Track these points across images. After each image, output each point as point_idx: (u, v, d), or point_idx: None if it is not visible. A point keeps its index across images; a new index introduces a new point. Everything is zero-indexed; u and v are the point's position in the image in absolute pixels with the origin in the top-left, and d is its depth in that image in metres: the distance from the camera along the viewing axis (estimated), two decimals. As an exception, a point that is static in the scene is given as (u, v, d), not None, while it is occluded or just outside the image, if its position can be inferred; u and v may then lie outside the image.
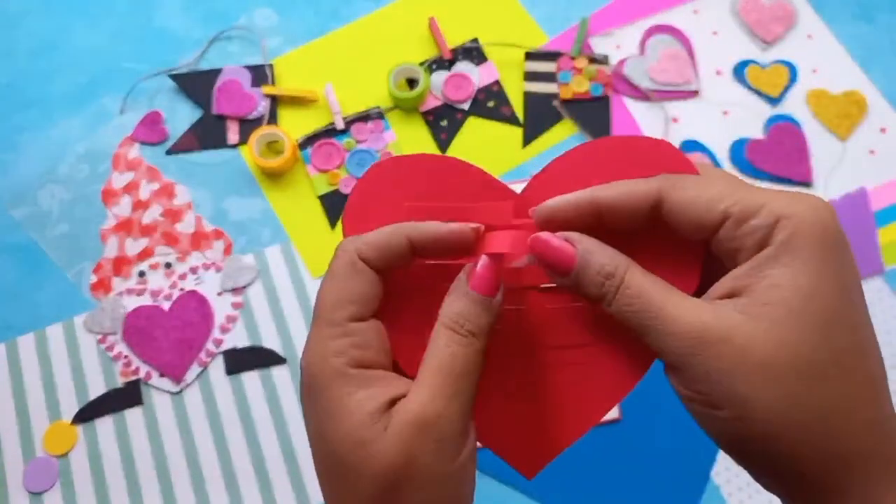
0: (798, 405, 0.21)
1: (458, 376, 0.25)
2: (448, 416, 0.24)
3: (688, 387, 0.23)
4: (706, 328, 0.22)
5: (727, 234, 0.23)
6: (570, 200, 0.25)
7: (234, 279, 0.66)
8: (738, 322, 0.22)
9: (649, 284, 0.24)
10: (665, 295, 0.23)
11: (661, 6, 0.76)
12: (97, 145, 0.71)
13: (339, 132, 0.70)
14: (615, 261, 0.24)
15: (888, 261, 0.66)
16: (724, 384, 0.22)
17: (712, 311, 0.22)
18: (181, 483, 0.61)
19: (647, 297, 0.23)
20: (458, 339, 0.25)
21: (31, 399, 0.63)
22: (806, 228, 0.22)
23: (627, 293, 0.24)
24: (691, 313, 0.23)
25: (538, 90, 0.72)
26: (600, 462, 0.60)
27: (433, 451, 0.24)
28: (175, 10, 0.76)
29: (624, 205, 0.25)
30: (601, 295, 0.25)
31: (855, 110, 0.71)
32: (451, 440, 0.24)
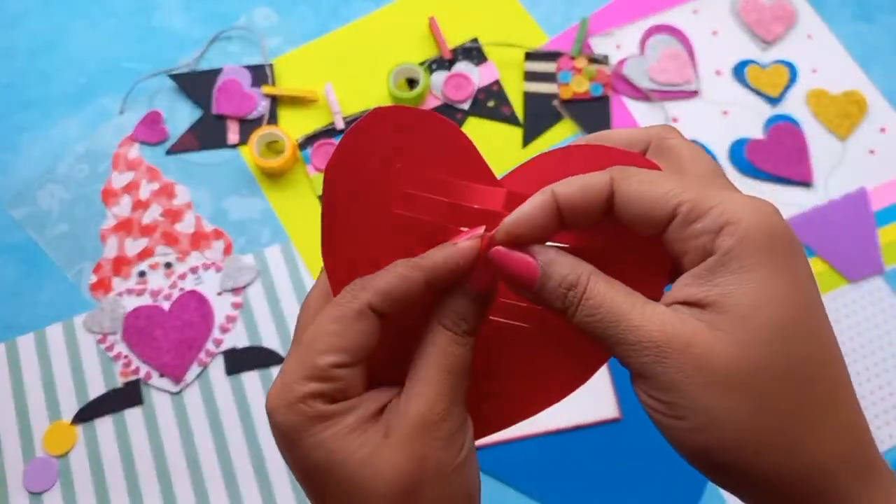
0: (761, 414, 0.21)
1: (458, 375, 0.25)
2: (452, 413, 0.24)
3: (653, 396, 0.23)
4: (669, 337, 0.22)
5: (674, 233, 0.23)
6: (530, 210, 0.25)
7: (233, 279, 0.66)
8: (698, 330, 0.22)
9: (612, 293, 0.23)
10: (628, 304, 0.23)
11: (661, 6, 0.76)
12: (97, 145, 0.71)
13: (339, 132, 0.70)
14: (577, 270, 0.24)
15: (888, 261, 0.66)
16: (687, 393, 0.21)
17: (674, 318, 0.22)
18: (181, 483, 0.61)
19: (609, 306, 0.23)
20: (458, 339, 0.25)
21: (31, 399, 0.63)
22: (752, 235, 0.22)
23: (590, 304, 0.23)
24: (654, 322, 0.22)
25: (538, 90, 0.72)
26: (600, 462, 0.60)
27: (441, 448, 0.24)
28: (175, 10, 0.76)
29: (580, 199, 0.24)
30: (564, 307, 0.24)
31: (855, 110, 0.71)
32: (457, 436, 0.25)
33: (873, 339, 0.64)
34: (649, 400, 0.23)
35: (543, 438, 0.61)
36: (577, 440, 0.61)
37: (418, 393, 0.25)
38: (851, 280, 0.65)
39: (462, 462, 0.25)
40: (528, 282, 0.25)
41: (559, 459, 0.60)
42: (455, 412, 0.25)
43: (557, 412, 0.61)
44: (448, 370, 0.25)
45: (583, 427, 0.61)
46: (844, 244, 0.66)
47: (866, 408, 0.62)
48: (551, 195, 0.24)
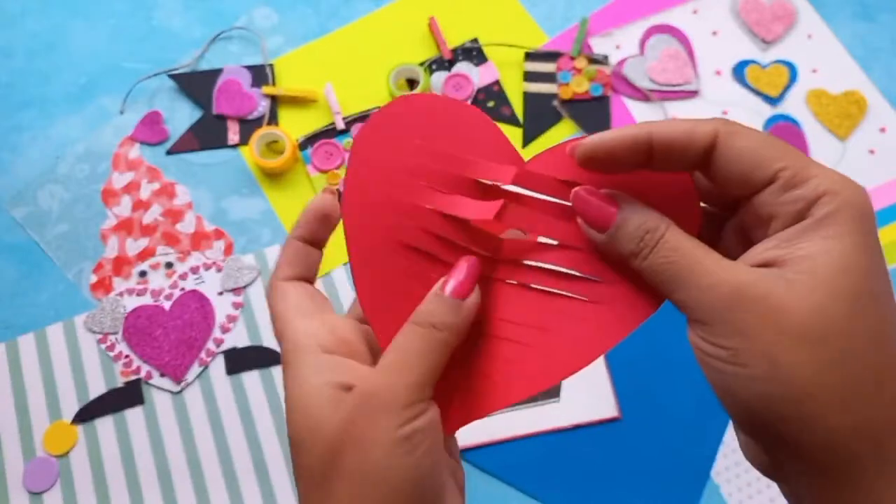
0: (830, 370, 0.21)
1: (408, 353, 0.26)
2: (390, 387, 0.25)
3: (716, 343, 0.23)
4: (744, 286, 0.22)
5: (770, 197, 0.24)
6: (625, 135, 0.25)
7: (234, 279, 0.66)
8: (775, 284, 0.22)
9: (689, 242, 0.24)
10: (704, 252, 0.24)
11: (661, 6, 0.76)
12: (97, 145, 0.71)
13: (339, 132, 0.70)
14: (656, 217, 0.25)
15: (888, 261, 0.66)
16: (756, 342, 0.22)
17: (750, 271, 0.23)
18: (181, 482, 0.61)
19: (686, 251, 0.24)
20: (417, 328, 0.27)
21: (32, 399, 0.63)
22: (847, 207, 0.23)
23: (667, 247, 0.24)
24: (729, 271, 0.23)
25: (538, 90, 0.72)
26: (600, 461, 0.60)
27: (372, 417, 0.25)
28: (175, 9, 0.76)
29: (682, 143, 0.25)
30: (637, 250, 0.25)
31: (855, 110, 0.71)
32: (393, 410, 0.25)
33: (873, 338, 0.64)
34: (709, 347, 0.23)
35: (543, 438, 0.61)
36: (577, 440, 0.61)
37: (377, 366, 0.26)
38: (851, 280, 0.65)
39: (396, 440, 0.25)
40: (604, 225, 0.26)
41: (559, 459, 0.60)
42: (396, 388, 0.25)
43: (557, 412, 0.61)
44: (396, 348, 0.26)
45: (583, 427, 0.61)
46: (844, 244, 0.66)
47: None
48: (647, 132, 0.25)
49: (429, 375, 0.26)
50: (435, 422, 0.26)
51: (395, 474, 0.25)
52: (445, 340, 0.27)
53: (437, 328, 0.26)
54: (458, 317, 0.27)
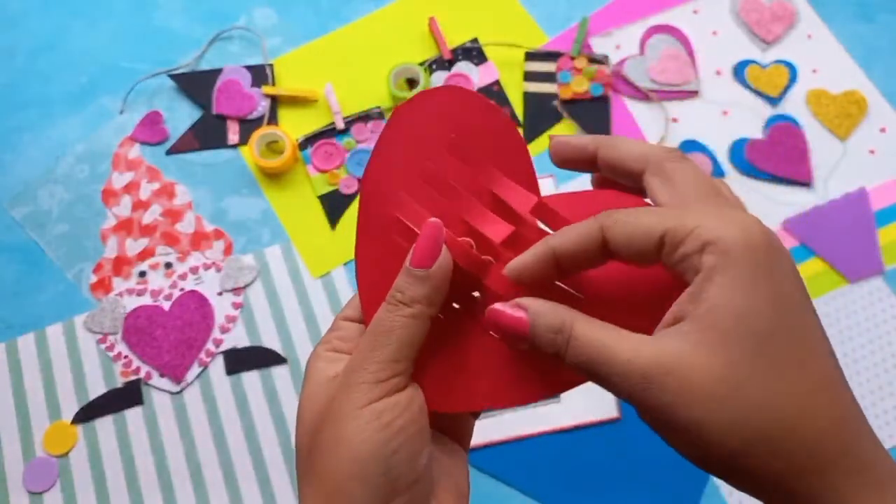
0: (750, 422, 0.22)
1: (379, 330, 0.27)
2: (363, 363, 0.27)
3: (650, 416, 0.24)
4: (651, 364, 0.23)
5: (667, 260, 0.25)
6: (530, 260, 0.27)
7: (234, 279, 0.66)
8: (679, 352, 0.23)
9: (594, 333, 0.25)
10: (610, 341, 0.24)
11: (661, 6, 0.76)
12: (97, 145, 0.71)
13: (339, 132, 0.70)
14: (561, 316, 0.26)
15: (888, 261, 0.66)
16: (677, 413, 0.23)
17: (655, 346, 0.23)
18: (181, 483, 0.61)
19: (594, 346, 0.25)
20: (387, 307, 0.28)
21: (31, 399, 0.63)
22: (731, 250, 0.23)
23: (575, 345, 0.25)
24: (637, 353, 0.24)
25: (538, 90, 0.72)
26: (600, 462, 0.60)
27: (347, 392, 0.26)
28: (175, 10, 0.76)
29: (576, 250, 0.26)
30: (555, 351, 0.26)
31: (855, 110, 0.71)
32: (367, 386, 0.26)
33: (873, 339, 0.64)
34: (648, 419, 0.24)
35: (543, 438, 0.61)
36: (577, 440, 0.61)
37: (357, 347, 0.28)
38: (851, 280, 0.65)
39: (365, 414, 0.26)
40: (522, 336, 0.26)
41: (559, 459, 0.60)
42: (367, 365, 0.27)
43: (557, 412, 0.61)
44: (368, 331, 0.28)
45: (583, 427, 0.61)
46: (844, 244, 0.66)
47: (866, 408, 0.62)
48: (548, 248, 0.27)
49: (401, 351, 0.27)
50: (412, 402, 0.27)
51: (365, 448, 0.25)
52: (415, 313, 0.27)
53: (406, 303, 0.27)
54: (426, 286, 0.27)
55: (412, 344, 0.27)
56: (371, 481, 0.25)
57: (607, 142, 0.29)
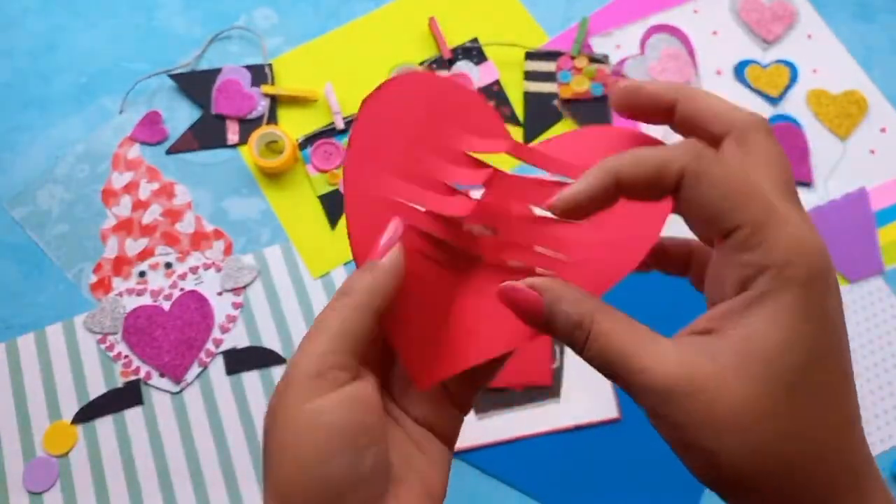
0: (764, 457, 0.21)
1: (320, 322, 0.26)
2: (300, 358, 0.26)
3: (665, 432, 0.23)
4: (674, 383, 0.22)
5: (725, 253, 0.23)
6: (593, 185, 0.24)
7: (234, 279, 0.66)
8: (706, 373, 0.22)
9: (617, 334, 0.23)
10: (633, 345, 0.23)
11: (661, 6, 0.76)
12: (97, 145, 0.71)
13: (339, 132, 0.70)
14: (581, 308, 0.24)
15: (888, 261, 0.66)
16: (693, 435, 0.22)
17: (681, 362, 0.22)
18: (181, 483, 0.61)
19: (616, 348, 0.23)
20: (330, 301, 0.27)
21: (31, 399, 0.63)
22: (794, 278, 0.21)
23: (595, 345, 0.24)
24: (660, 366, 0.22)
25: (538, 90, 0.72)
26: (600, 462, 0.60)
27: (285, 391, 0.25)
28: (175, 9, 0.76)
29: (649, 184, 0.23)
30: (572, 343, 0.24)
31: (855, 110, 0.71)
32: (303, 382, 0.25)
33: (873, 339, 0.64)
34: (663, 433, 0.24)
35: (543, 438, 0.61)
36: (577, 440, 0.61)
37: None
38: (851, 280, 0.65)
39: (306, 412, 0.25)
40: (536, 317, 0.25)
41: (559, 459, 0.60)
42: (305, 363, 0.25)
43: (557, 412, 0.61)
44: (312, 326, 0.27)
45: (583, 427, 0.61)
46: (844, 244, 0.66)
47: (866, 408, 0.62)
48: (614, 175, 0.23)
49: (338, 341, 0.26)
50: (356, 399, 0.25)
51: (306, 450, 0.24)
52: (355, 302, 0.26)
53: (345, 292, 0.26)
54: (370, 276, 0.26)
55: (351, 335, 0.26)
56: (311, 488, 0.24)
57: (689, 93, 0.26)
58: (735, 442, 0.21)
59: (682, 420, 0.22)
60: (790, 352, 0.21)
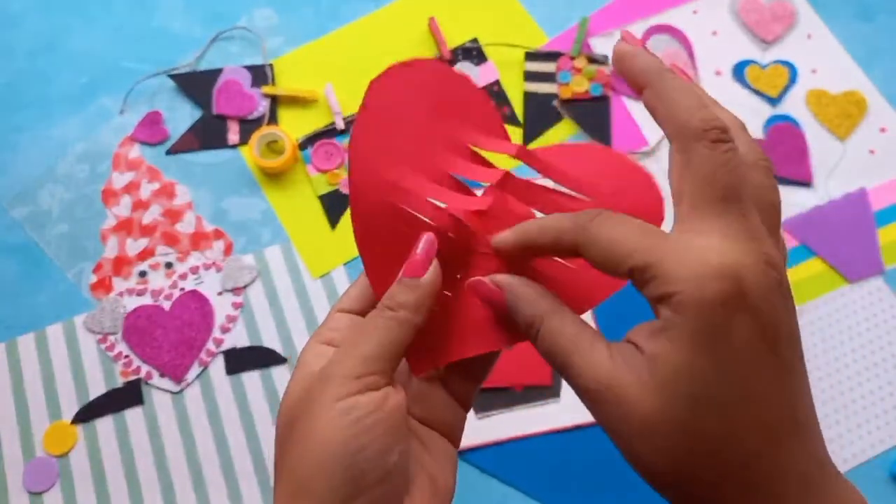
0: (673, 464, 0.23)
1: (362, 330, 0.28)
2: (340, 360, 0.28)
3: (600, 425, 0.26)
4: (602, 388, 0.24)
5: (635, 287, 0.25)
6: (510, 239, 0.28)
7: (234, 279, 0.66)
8: (628, 384, 0.24)
9: (561, 335, 0.26)
10: (574, 347, 0.25)
11: (660, 6, 0.76)
12: (97, 145, 0.71)
13: (339, 132, 0.70)
14: (534, 308, 0.27)
15: (888, 261, 0.66)
16: (616, 438, 0.25)
17: (610, 369, 0.24)
18: (181, 483, 0.61)
19: (558, 350, 0.26)
20: (377, 310, 0.29)
21: (31, 399, 0.63)
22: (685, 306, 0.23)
23: (542, 344, 0.27)
24: (591, 370, 0.25)
25: (538, 90, 0.72)
26: (600, 462, 0.60)
27: (321, 387, 0.27)
28: (175, 10, 0.76)
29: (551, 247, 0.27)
30: (529, 336, 0.27)
31: (855, 110, 0.71)
32: (341, 380, 0.27)
33: (873, 339, 0.64)
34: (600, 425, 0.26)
35: (543, 438, 0.61)
36: (577, 440, 0.61)
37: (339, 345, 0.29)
38: (851, 280, 0.65)
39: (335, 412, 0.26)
40: (502, 309, 0.28)
41: (559, 459, 0.60)
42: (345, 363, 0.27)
43: (557, 412, 0.61)
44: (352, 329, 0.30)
45: (583, 427, 0.61)
46: (844, 244, 0.66)
47: (865, 408, 0.62)
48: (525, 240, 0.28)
49: (381, 350, 0.27)
50: (386, 401, 0.27)
51: (332, 443, 0.26)
52: (400, 318, 0.28)
53: (391, 308, 0.28)
54: (414, 294, 0.28)
55: (392, 347, 0.28)
56: (336, 476, 0.26)
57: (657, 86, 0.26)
58: (647, 447, 0.23)
59: (606, 423, 0.25)
60: (688, 373, 0.23)
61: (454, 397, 0.32)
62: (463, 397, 0.32)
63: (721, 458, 0.23)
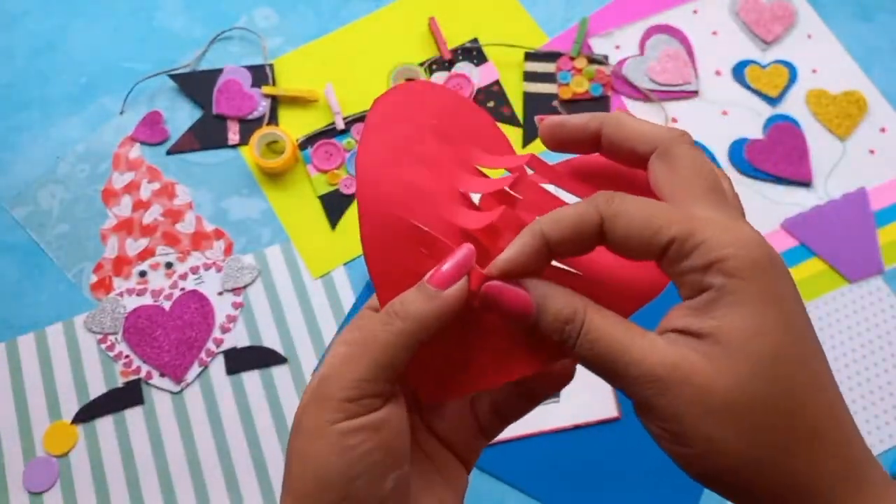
0: (758, 441, 0.22)
1: (363, 344, 0.25)
2: (337, 378, 0.25)
3: (658, 425, 0.23)
4: (669, 370, 0.22)
5: (667, 267, 0.24)
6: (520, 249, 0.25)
7: (234, 279, 0.66)
8: (696, 362, 0.22)
9: (609, 327, 0.24)
10: (626, 337, 0.23)
11: (660, 6, 0.76)
12: (97, 145, 0.71)
13: (339, 132, 0.70)
14: (572, 304, 0.24)
15: (888, 261, 0.66)
16: (689, 423, 0.22)
17: (673, 351, 0.23)
18: (181, 482, 0.61)
19: (608, 340, 0.24)
20: (381, 315, 0.26)
21: (32, 399, 0.63)
22: (740, 269, 0.22)
23: (588, 338, 0.24)
24: (653, 355, 0.23)
25: (538, 90, 0.72)
26: (600, 461, 0.60)
27: (317, 406, 0.25)
28: (175, 10, 0.76)
29: (571, 238, 0.24)
30: (563, 340, 0.24)
31: (855, 110, 0.71)
32: (335, 403, 0.25)
33: (873, 339, 0.64)
34: (655, 428, 0.24)
35: (543, 438, 0.61)
36: (577, 440, 0.61)
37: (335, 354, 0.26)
38: (851, 280, 0.65)
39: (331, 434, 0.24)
40: (524, 317, 0.25)
41: (559, 459, 0.60)
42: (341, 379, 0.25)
43: (557, 412, 0.61)
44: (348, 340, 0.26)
45: (583, 427, 0.61)
46: (844, 244, 0.66)
47: (865, 408, 0.62)
48: (540, 238, 0.24)
49: (378, 371, 0.25)
50: (385, 425, 0.25)
51: (326, 469, 0.24)
52: (405, 330, 0.25)
53: (400, 315, 0.25)
54: (430, 305, 0.25)
55: (391, 365, 0.25)
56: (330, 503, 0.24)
57: (611, 120, 0.27)
58: (729, 428, 0.22)
59: (680, 408, 0.22)
60: (756, 340, 0.22)
61: (479, 426, 0.30)
62: (489, 430, 0.31)
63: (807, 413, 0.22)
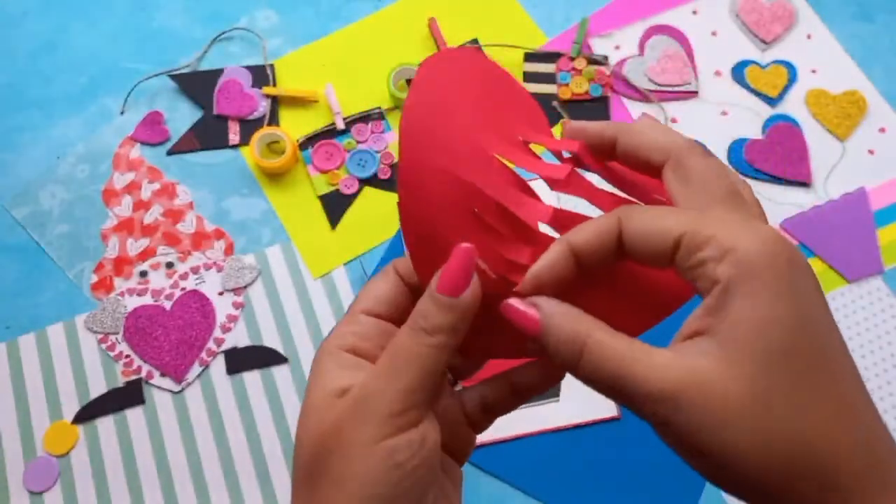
0: (778, 442, 0.21)
1: (399, 358, 0.25)
2: (379, 394, 0.25)
3: (676, 441, 0.23)
4: (678, 387, 0.22)
5: (681, 265, 0.24)
6: (550, 263, 0.25)
7: (234, 279, 0.66)
8: (706, 371, 0.22)
9: (614, 348, 0.23)
10: (631, 357, 0.23)
11: (660, 6, 0.76)
12: (98, 145, 0.71)
13: (339, 132, 0.70)
14: (577, 326, 0.24)
15: (888, 261, 0.66)
16: (706, 436, 0.22)
17: (680, 365, 0.22)
18: (182, 482, 0.61)
19: (613, 362, 0.23)
20: (410, 332, 0.26)
21: (32, 399, 0.63)
22: (752, 261, 0.22)
23: (591, 360, 0.24)
24: (661, 373, 0.22)
25: (537, 91, 0.72)
26: (600, 461, 0.60)
27: (358, 423, 0.25)
28: (176, 10, 0.76)
29: (596, 244, 0.25)
30: (568, 361, 0.24)
31: (855, 110, 0.71)
32: (381, 419, 0.25)
33: (873, 339, 0.64)
34: (669, 441, 0.23)
35: (543, 437, 0.61)
36: (577, 439, 0.61)
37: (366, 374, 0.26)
38: (851, 280, 0.65)
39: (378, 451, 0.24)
40: (533, 334, 0.25)
41: (559, 459, 0.60)
42: (388, 395, 0.25)
43: (557, 412, 0.61)
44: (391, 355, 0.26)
45: (583, 426, 0.61)
46: (844, 244, 0.67)
47: (866, 407, 0.62)
48: (567, 246, 0.25)
49: (421, 382, 0.25)
50: (427, 439, 0.25)
51: (374, 489, 0.24)
52: (438, 344, 0.25)
53: (429, 332, 0.25)
54: (452, 316, 0.25)
55: (433, 374, 0.25)
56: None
57: (629, 129, 0.27)
58: (743, 435, 0.21)
59: (696, 423, 0.22)
60: (769, 332, 0.21)
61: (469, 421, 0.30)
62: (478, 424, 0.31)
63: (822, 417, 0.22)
